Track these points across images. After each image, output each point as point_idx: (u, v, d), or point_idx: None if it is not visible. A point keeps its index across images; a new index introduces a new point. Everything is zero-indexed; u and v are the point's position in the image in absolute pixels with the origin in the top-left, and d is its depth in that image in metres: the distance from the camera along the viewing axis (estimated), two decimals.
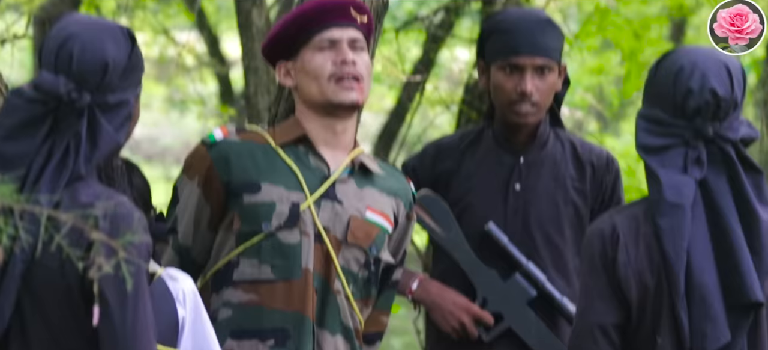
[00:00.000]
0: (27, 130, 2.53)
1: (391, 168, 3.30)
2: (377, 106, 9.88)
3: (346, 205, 3.15)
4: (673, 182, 2.65)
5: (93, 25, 2.60)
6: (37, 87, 2.55)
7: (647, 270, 2.67)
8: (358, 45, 3.17)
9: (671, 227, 2.63)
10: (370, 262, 3.17)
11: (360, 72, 3.14)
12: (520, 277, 3.44)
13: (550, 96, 3.45)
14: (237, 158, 3.14)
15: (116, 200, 2.53)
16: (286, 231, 3.11)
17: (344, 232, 3.14)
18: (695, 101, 2.67)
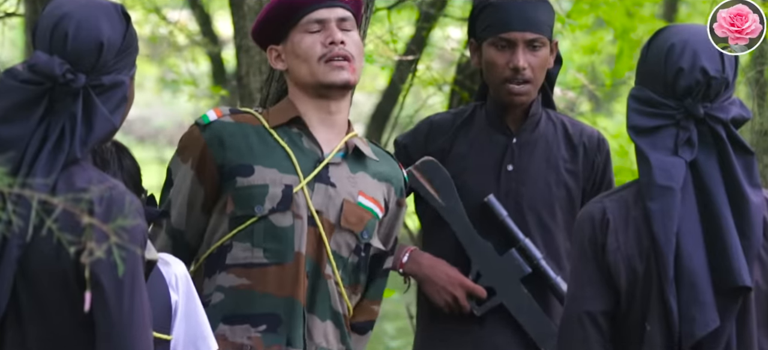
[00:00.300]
0: (22, 112, 2.51)
1: (384, 153, 3.29)
2: (370, 86, 9.87)
3: (339, 188, 3.14)
4: (664, 164, 2.64)
5: (87, 4, 2.58)
6: (32, 68, 2.53)
7: (637, 256, 2.66)
8: (347, 24, 3.16)
9: (661, 210, 2.62)
10: (360, 247, 3.17)
11: (350, 51, 3.13)
12: (516, 253, 3.44)
13: (543, 72, 3.44)
14: (231, 139, 3.13)
15: (111, 184, 2.52)
16: (278, 214, 3.10)
17: (337, 216, 3.13)
18: (686, 80, 2.66)
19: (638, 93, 2.70)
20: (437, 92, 5.93)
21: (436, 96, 6.01)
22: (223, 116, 3.17)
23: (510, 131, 3.46)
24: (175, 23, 7.36)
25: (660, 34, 2.72)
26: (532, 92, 3.43)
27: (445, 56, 6.77)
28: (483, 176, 3.46)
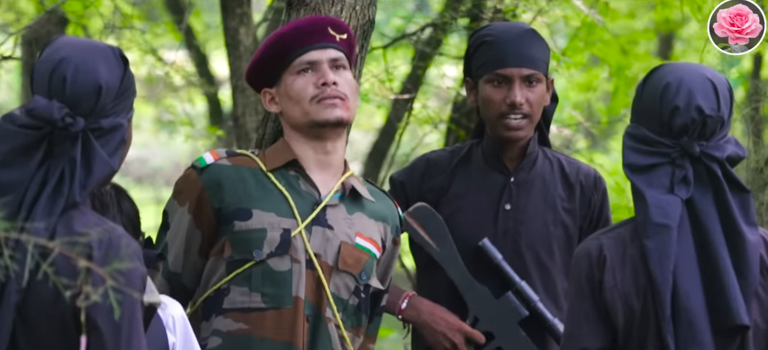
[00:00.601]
0: (21, 156, 2.51)
1: (379, 192, 3.29)
2: (366, 124, 9.88)
3: (336, 230, 3.14)
4: (660, 202, 2.64)
5: (85, 48, 2.59)
6: (31, 113, 2.53)
7: (633, 293, 2.66)
8: (340, 63, 3.16)
9: (658, 248, 2.62)
10: (360, 289, 3.16)
11: (343, 91, 3.13)
12: (513, 296, 3.42)
13: (540, 108, 3.44)
14: (228, 183, 3.12)
15: (110, 228, 2.51)
16: (276, 258, 3.10)
17: (335, 258, 3.13)
18: (681, 118, 2.67)
19: (634, 131, 2.71)
20: (434, 130, 5.94)
21: (433, 134, 6.02)
22: (220, 158, 3.16)
23: (507, 169, 3.46)
24: (172, 64, 7.38)
25: (655, 73, 2.73)
26: (529, 128, 3.43)
27: (441, 94, 6.79)
28: (480, 216, 3.46)
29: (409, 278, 5.75)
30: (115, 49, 2.61)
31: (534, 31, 3.47)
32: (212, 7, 8.58)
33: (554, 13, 5.41)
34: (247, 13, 5.45)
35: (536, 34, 3.46)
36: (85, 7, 6.17)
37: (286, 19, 3.48)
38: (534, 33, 3.46)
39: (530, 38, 3.43)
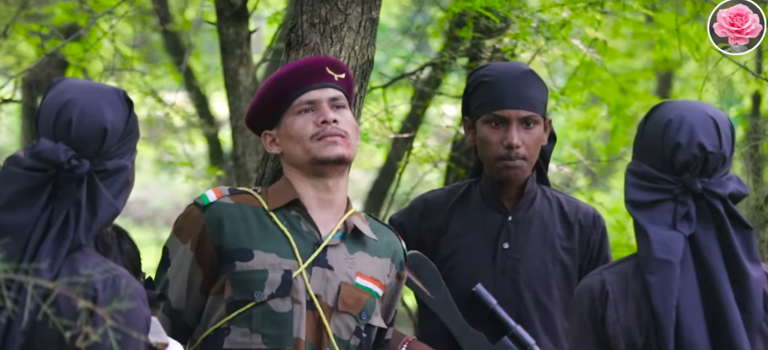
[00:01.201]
0: (26, 199, 2.51)
1: (383, 227, 3.28)
2: (367, 163, 9.88)
3: (336, 271, 3.13)
4: (662, 238, 2.64)
5: (91, 90, 2.59)
6: (37, 155, 2.53)
7: (636, 328, 2.65)
8: (339, 103, 3.17)
9: (660, 283, 2.62)
10: (361, 329, 3.15)
11: (343, 129, 3.13)
12: (509, 340, 3.41)
13: (537, 149, 3.44)
14: (230, 221, 3.12)
15: (113, 269, 2.51)
16: (278, 300, 3.09)
17: (335, 299, 3.11)
18: (683, 155, 2.67)
19: (636, 168, 2.71)
20: (433, 169, 5.94)
21: (433, 173, 6.03)
22: (223, 196, 3.15)
23: (505, 208, 3.46)
24: (172, 105, 7.39)
25: (657, 110, 2.74)
26: (527, 169, 3.43)
27: (440, 133, 6.80)
28: (479, 255, 3.45)
29: (410, 316, 5.74)
30: (120, 91, 2.62)
31: (532, 72, 3.47)
32: (212, 49, 8.61)
33: (553, 52, 5.43)
34: (246, 54, 5.47)
35: (534, 75, 3.46)
36: (85, 50, 6.19)
37: (285, 59, 3.50)
38: (532, 74, 3.46)
39: (528, 79, 3.43)
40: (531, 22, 5.02)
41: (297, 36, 3.46)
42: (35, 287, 2.34)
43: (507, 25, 5.26)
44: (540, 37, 5.13)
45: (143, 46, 7.86)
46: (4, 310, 2.40)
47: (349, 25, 3.46)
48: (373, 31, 3.50)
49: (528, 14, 4.98)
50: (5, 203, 2.51)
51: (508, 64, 3.60)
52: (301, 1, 3.48)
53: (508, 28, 5.26)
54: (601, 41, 5.43)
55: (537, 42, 5.21)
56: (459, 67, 5.81)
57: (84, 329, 2.33)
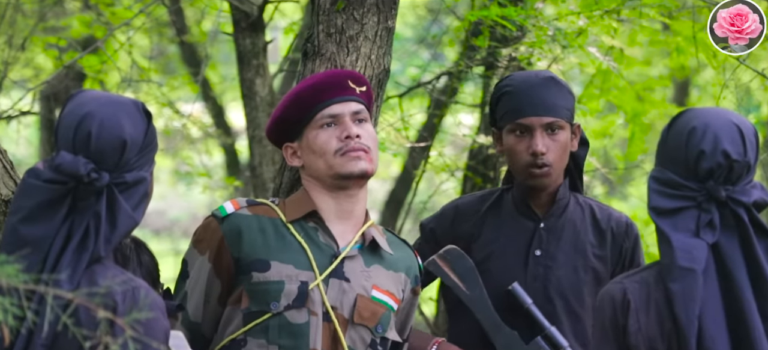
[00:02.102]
0: (46, 211, 2.52)
1: (399, 241, 3.27)
2: (383, 173, 9.89)
3: (353, 283, 3.12)
4: (686, 245, 2.63)
5: (110, 103, 2.60)
6: (57, 168, 2.54)
7: (658, 337, 2.64)
8: (361, 116, 3.17)
9: (683, 291, 2.61)
10: (376, 342, 3.14)
11: (366, 144, 3.14)
12: (542, 341, 3.40)
13: (564, 155, 3.42)
14: (248, 232, 3.12)
15: (132, 281, 2.52)
16: (294, 311, 3.09)
17: (351, 311, 3.11)
18: (708, 162, 2.66)
19: (659, 175, 2.70)
20: (450, 178, 5.94)
21: (450, 182, 6.03)
22: (241, 208, 3.15)
23: (537, 216, 3.44)
24: (189, 116, 7.42)
25: (681, 117, 2.72)
26: (555, 175, 3.41)
27: (457, 142, 6.80)
28: (511, 262, 3.44)
29: (428, 326, 5.74)
30: (138, 103, 2.63)
31: (554, 78, 3.46)
32: (228, 60, 8.63)
33: (569, 60, 5.42)
34: (263, 65, 5.48)
35: (558, 81, 3.44)
36: (102, 62, 6.21)
37: (301, 69, 3.51)
38: (555, 80, 3.44)
39: (550, 86, 3.42)
40: (547, 30, 5.02)
41: (313, 46, 3.47)
42: (55, 298, 2.35)
43: (523, 34, 5.25)
44: (556, 46, 5.12)
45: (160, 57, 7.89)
46: (25, 322, 2.41)
47: (365, 35, 3.47)
48: (389, 40, 3.51)
49: (544, 23, 4.98)
50: (25, 215, 2.52)
51: (530, 72, 3.59)
52: (317, 11, 3.49)
53: (524, 36, 5.26)
54: (618, 49, 5.42)
55: (553, 50, 5.21)
56: (475, 76, 5.80)
57: (104, 339, 2.34)
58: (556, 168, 3.40)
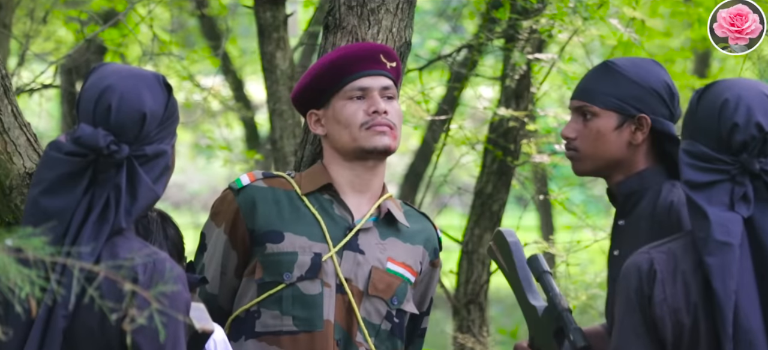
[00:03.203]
0: (66, 183, 2.54)
1: (418, 214, 3.27)
2: (403, 147, 9.88)
3: (368, 255, 3.13)
4: (722, 219, 2.61)
5: (130, 76, 2.61)
6: (77, 141, 2.55)
7: (683, 309, 2.63)
8: (389, 93, 3.17)
9: (721, 265, 2.58)
10: (392, 314, 3.15)
11: (392, 121, 3.14)
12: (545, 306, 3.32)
13: (597, 144, 3.06)
14: (262, 204, 3.13)
15: (154, 254, 2.53)
16: (307, 282, 3.10)
17: (366, 283, 3.12)
18: (741, 135, 2.64)
19: (691, 148, 2.68)
20: (470, 151, 5.94)
21: (469, 155, 6.02)
22: (257, 180, 3.17)
23: (618, 213, 3.09)
24: (209, 89, 7.43)
25: (711, 89, 2.69)
26: (586, 163, 3.08)
27: (477, 115, 6.79)
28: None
29: (449, 299, 5.75)
30: (159, 76, 2.63)
31: (609, 63, 3.12)
32: (248, 33, 8.64)
33: (590, 32, 5.40)
34: (283, 38, 5.48)
35: (610, 67, 3.09)
36: (123, 36, 6.22)
37: (322, 42, 3.51)
38: (607, 67, 3.10)
39: (598, 71, 3.11)
40: (568, 2, 5.00)
41: (334, 19, 3.47)
42: (79, 270, 2.36)
43: (544, 6, 5.24)
44: (577, 18, 5.11)
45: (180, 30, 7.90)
46: (46, 293, 2.42)
47: (387, 7, 3.46)
48: (411, 13, 3.50)
49: None
50: (46, 187, 2.54)
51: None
52: None
53: (544, 8, 5.25)
54: (639, 20, 5.40)
55: (574, 22, 5.19)
56: (495, 49, 5.79)
57: (130, 312, 2.35)
58: (585, 154, 3.08)
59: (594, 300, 6.32)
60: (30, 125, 3.29)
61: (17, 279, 2.05)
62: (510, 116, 5.45)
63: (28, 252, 2.15)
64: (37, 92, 5.79)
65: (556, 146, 5.63)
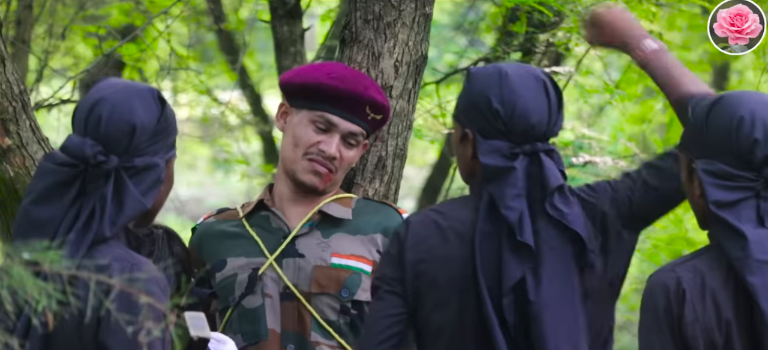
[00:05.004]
0: (56, 193, 2.56)
1: (377, 205, 3.28)
2: (420, 160, 9.89)
3: (308, 257, 3.19)
4: (759, 237, 2.60)
5: (124, 89, 2.63)
6: (65, 149, 2.58)
7: (715, 327, 2.61)
8: (354, 141, 3.21)
9: (764, 284, 2.57)
10: (347, 307, 3.19)
11: (335, 165, 3.19)
12: None
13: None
14: (207, 240, 3.26)
15: (134, 258, 2.54)
16: (249, 297, 3.19)
17: (309, 283, 3.17)
18: (762, 151, 2.63)
19: (711, 167, 2.65)
20: None
21: None
22: (209, 217, 3.31)
23: None
24: (227, 104, 7.45)
25: (720, 107, 2.67)
26: None
27: None
28: None
29: None
30: (153, 90, 2.65)
31: None
32: (266, 47, 8.66)
33: None
34: (300, 52, 5.49)
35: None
36: (141, 51, 6.25)
37: (339, 56, 3.51)
38: None
39: None
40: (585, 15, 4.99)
41: (351, 33, 3.48)
42: (57, 276, 2.35)
43: (561, 19, 5.24)
44: None
45: (198, 45, 7.92)
46: (21, 301, 2.42)
47: (403, 21, 3.47)
48: (427, 27, 3.51)
49: (581, 8, 4.97)
50: (36, 197, 2.56)
51: None
52: None
53: (561, 22, 5.24)
54: (657, 33, 5.39)
55: None
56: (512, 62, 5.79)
57: (107, 305, 2.35)
58: None
59: None
60: (48, 140, 3.31)
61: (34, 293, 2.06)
62: None
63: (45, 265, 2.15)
64: (55, 108, 5.81)
65: (573, 159, 5.62)
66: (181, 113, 8.81)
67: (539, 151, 2.81)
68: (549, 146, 2.84)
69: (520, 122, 2.81)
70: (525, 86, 2.83)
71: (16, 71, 3.35)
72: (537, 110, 2.82)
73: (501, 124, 2.81)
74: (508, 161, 2.81)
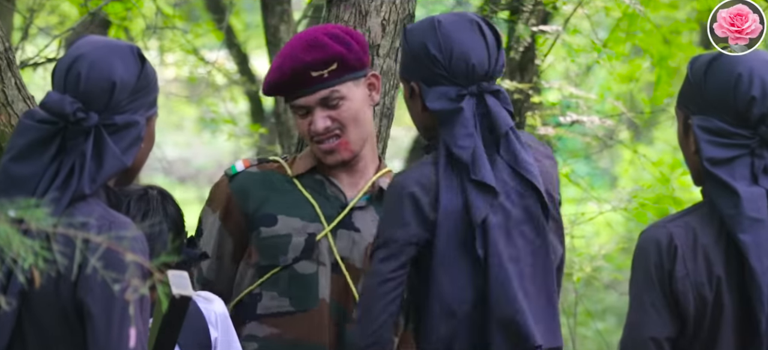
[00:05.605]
0: (35, 150, 2.55)
1: None
2: (408, 121, 9.85)
3: (363, 232, 3.15)
4: (752, 195, 2.60)
5: (103, 46, 2.60)
6: (44, 106, 2.56)
7: (706, 283, 2.62)
8: (332, 100, 3.12)
9: (755, 242, 2.58)
10: None
11: (337, 128, 3.12)
12: None
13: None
14: (255, 189, 3.17)
15: (113, 216, 2.53)
16: (302, 262, 3.13)
17: (362, 260, 3.14)
18: (759, 108, 2.63)
19: (706, 124, 2.65)
20: None
21: None
22: (251, 166, 3.21)
23: None
24: (213, 63, 7.42)
25: (718, 64, 2.66)
26: None
27: None
28: None
29: None
30: (133, 47, 2.63)
31: None
32: (252, 7, 8.62)
33: (595, 4, 5.39)
34: (287, 11, 5.47)
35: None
36: (127, 9, 6.21)
37: (326, 15, 3.50)
38: None
39: None
40: None
41: None
42: (43, 234, 2.35)
43: None
44: None
45: (184, 4, 7.88)
46: (6, 257, 2.42)
47: None
48: None
49: None
50: (16, 154, 2.55)
51: None
52: None
53: None
54: None
55: None
56: (500, 21, 5.78)
57: (92, 261, 2.35)
58: None
59: (599, 272, 6.31)
60: (34, 98, 3.29)
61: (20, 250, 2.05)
62: (514, 88, 5.44)
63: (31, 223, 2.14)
64: (41, 66, 5.78)
65: (560, 118, 5.63)
66: (167, 73, 8.77)
67: (485, 91, 2.86)
68: (495, 87, 2.91)
69: (460, 64, 2.88)
70: (459, 30, 2.90)
71: (1, 29, 3.33)
72: (475, 51, 2.88)
73: (442, 69, 2.88)
74: (454, 103, 2.87)
